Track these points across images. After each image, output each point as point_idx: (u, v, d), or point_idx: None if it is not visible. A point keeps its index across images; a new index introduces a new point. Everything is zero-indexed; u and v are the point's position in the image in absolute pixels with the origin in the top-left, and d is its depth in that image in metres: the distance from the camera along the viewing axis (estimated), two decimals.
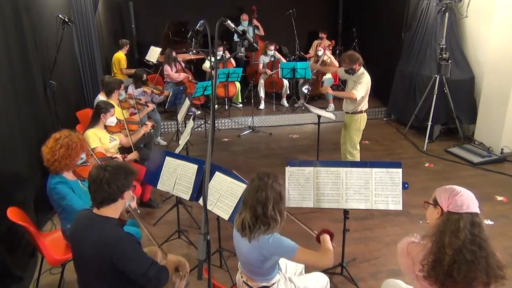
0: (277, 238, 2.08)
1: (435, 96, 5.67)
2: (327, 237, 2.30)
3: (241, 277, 2.33)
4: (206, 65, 7.43)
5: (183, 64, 7.30)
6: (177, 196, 3.40)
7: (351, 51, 4.64)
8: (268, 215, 2.05)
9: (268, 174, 2.12)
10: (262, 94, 7.50)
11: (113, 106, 4.05)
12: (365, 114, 4.51)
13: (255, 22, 8.50)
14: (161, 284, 2.08)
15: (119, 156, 3.73)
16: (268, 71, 7.43)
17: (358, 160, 4.65)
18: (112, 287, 2.05)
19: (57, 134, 2.77)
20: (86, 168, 2.93)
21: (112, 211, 2.07)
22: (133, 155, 3.90)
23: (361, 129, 4.55)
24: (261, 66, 7.56)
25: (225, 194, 2.81)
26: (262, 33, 8.62)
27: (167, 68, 6.77)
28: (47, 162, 2.70)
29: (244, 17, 8.33)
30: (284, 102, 7.58)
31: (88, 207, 2.24)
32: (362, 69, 4.39)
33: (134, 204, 2.31)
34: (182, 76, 6.95)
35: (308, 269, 2.71)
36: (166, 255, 2.41)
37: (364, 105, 4.46)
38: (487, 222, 3.86)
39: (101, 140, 3.84)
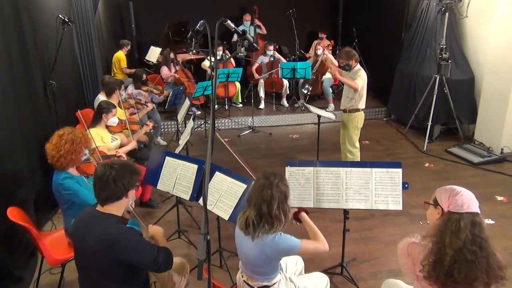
0: (282, 237, 2.09)
1: (435, 96, 5.67)
2: (305, 215, 2.38)
3: (242, 276, 2.33)
4: (206, 63, 7.42)
5: (181, 66, 7.29)
6: (177, 196, 3.40)
7: (348, 47, 4.69)
8: (272, 214, 2.06)
9: (274, 174, 2.14)
10: (262, 94, 7.50)
11: (115, 106, 4.06)
12: (362, 112, 4.53)
13: (257, 21, 8.50)
14: (169, 266, 2.13)
15: (123, 154, 3.73)
16: (256, 75, 7.43)
17: (359, 159, 4.66)
18: (113, 283, 2.06)
19: (60, 131, 2.82)
20: (90, 164, 2.96)
21: (116, 209, 2.09)
22: (132, 144, 3.97)
23: (359, 127, 4.58)
24: (255, 66, 7.56)
25: (225, 194, 2.81)
26: (265, 31, 8.62)
27: (165, 69, 6.77)
28: (52, 159, 2.73)
29: (247, 17, 8.32)
30: (284, 102, 7.58)
31: (92, 204, 2.26)
32: (358, 66, 4.44)
33: (133, 205, 2.33)
34: (170, 76, 6.88)
35: (308, 269, 2.72)
36: (147, 227, 2.42)
37: (362, 104, 4.48)
38: (488, 221, 3.87)
39: (103, 140, 3.85)
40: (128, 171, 2.09)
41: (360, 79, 4.30)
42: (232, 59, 7.47)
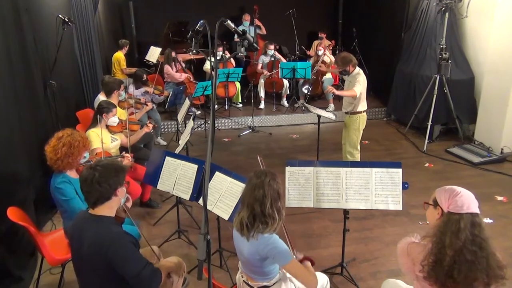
0: (275, 240, 2.07)
1: (435, 96, 5.66)
2: (308, 263, 2.25)
3: (242, 276, 2.33)
4: (207, 66, 7.43)
5: (183, 64, 7.31)
6: (177, 196, 3.40)
7: (344, 53, 4.72)
8: (266, 213, 2.05)
9: (265, 173, 2.12)
10: (262, 94, 7.50)
11: (115, 106, 4.06)
12: (364, 114, 4.53)
13: (257, 21, 8.50)
14: (153, 284, 2.06)
15: (128, 155, 3.71)
16: (266, 72, 7.43)
17: (358, 160, 4.66)
18: (112, 285, 2.05)
19: (60, 133, 2.81)
20: None
21: (107, 209, 2.07)
22: (143, 131, 4.15)
23: (361, 129, 4.57)
24: (259, 66, 7.56)
25: (225, 194, 2.81)
26: (264, 32, 8.63)
27: (168, 68, 6.77)
28: (50, 161, 2.73)
29: (247, 17, 8.33)
30: (284, 102, 7.58)
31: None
32: (357, 69, 4.45)
33: (129, 204, 2.32)
34: (183, 76, 6.95)
35: None
36: (159, 259, 2.40)
37: (363, 106, 4.49)
38: (486, 220, 3.87)
39: (103, 140, 3.84)
40: (112, 170, 2.06)
41: (358, 84, 4.30)
42: (232, 59, 7.47)
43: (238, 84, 7.34)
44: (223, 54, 7.31)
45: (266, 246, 2.06)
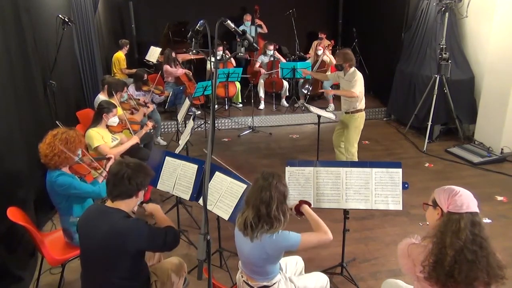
0: (281, 234, 2.09)
1: (435, 96, 5.66)
2: (307, 207, 2.34)
3: (242, 276, 2.33)
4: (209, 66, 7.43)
5: (182, 66, 7.29)
6: (177, 196, 3.40)
7: (347, 49, 4.76)
8: (271, 215, 2.06)
9: (273, 175, 2.13)
10: (262, 94, 7.50)
11: (115, 106, 4.05)
12: (363, 112, 4.56)
13: (258, 21, 8.50)
14: (177, 242, 2.23)
15: (113, 157, 3.67)
16: (263, 71, 7.42)
17: (356, 159, 4.68)
18: (117, 278, 2.09)
19: (53, 131, 2.83)
20: (82, 166, 2.96)
21: (125, 205, 2.14)
22: (134, 139, 3.98)
23: (361, 127, 4.60)
24: (257, 64, 7.56)
25: (225, 194, 2.81)
26: (266, 30, 8.63)
27: (167, 67, 6.78)
28: (46, 158, 2.73)
29: (248, 17, 8.33)
30: (284, 102, 7.58)
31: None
32: (353, 68, 4.48)
33: (135, 208, 2.37)
34: (180, 71, 6.93)
35: (308, 269, 2.72)
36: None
37: (363, 104, 4.52)
38: (485, 220, 3.87)
39: (104, 139, 3.84)
40: (142, 172, 2.16)
41: (358, 83, 4.35)
42: (232, 59, 7.47)
43: (238, 84, 7.34)
44: (223, 54, 7.31)
45: (274, 243, 2.07)
